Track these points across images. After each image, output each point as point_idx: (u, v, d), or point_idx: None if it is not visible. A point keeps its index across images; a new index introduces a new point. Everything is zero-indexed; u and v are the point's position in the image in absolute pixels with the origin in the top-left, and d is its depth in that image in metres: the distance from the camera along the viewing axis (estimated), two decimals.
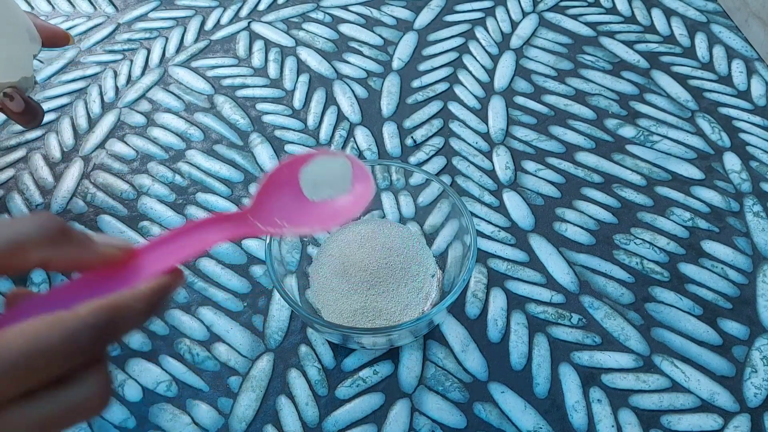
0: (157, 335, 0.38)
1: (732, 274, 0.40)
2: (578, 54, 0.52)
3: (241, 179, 0.45)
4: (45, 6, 0.57)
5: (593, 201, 0.43)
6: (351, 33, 0.55)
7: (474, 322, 0.38)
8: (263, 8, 0.57)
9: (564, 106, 0.49)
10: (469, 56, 0.53)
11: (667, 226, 0.42)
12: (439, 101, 0.49)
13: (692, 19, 0.55)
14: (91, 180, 0.45)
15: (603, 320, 0.38)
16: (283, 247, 0.36)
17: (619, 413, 0.35)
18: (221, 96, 0.50)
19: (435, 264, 0.38)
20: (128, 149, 0.47)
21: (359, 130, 0.47)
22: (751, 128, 0.47)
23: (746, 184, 0.44)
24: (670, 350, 0.37)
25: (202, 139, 0.47)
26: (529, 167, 0.45)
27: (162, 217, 0.43)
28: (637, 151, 0.46)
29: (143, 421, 0.35)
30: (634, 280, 0.40)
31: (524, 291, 0.39)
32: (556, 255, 0.41)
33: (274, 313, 0.39)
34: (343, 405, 0.35)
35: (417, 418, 0.35)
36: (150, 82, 0.51)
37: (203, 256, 0.41)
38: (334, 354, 0.37)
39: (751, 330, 0.38)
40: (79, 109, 0.49)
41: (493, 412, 0.35)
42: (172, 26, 0.55)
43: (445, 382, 0.36)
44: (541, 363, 0.36)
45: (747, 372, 0.36)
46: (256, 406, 0.35)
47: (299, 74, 0.51)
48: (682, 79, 0.50)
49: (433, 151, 0.46)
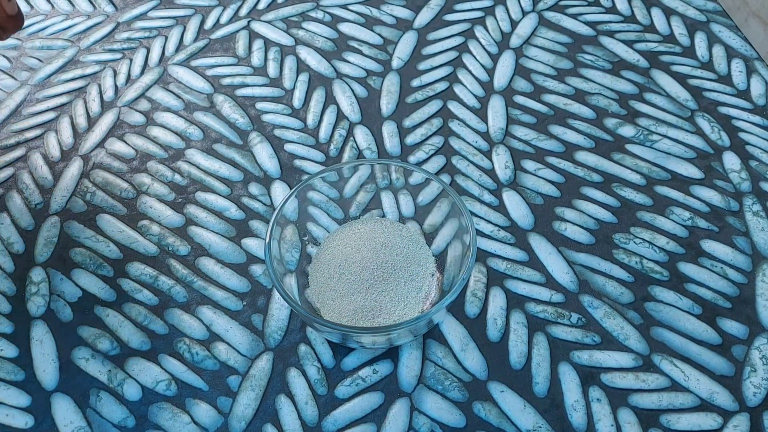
0: (156, 334, 0.38)
1: (731, 273, 0.40)
2: (578, 53, 0.52)
3: (240, 178, 0.45)
4: (44, 5, 0.57)
5: (593, 200, 0.43)
6: (350, 32, 0.55)
7: (473, 321, 0.38)
8: (263, 7, 0.57)
9: (564, 105, 0.49)
10: (468, 55, 0.53)
11: (666, 226, 0.42)
12: (439, 100, 0.49)
13: (692, 18, 0.55)
14: (90, 179, 0.45)
15: (602, 319, 0.38)
16: (282, 246, 0.36)
17: (618, 412, 0.35)
18: (221, 95, 0.50)
19: (434, 263, 0.38)
20: (128, 148, 0.47)
21: (359, 129, 0.47)
22: (751, 128, 0.47)
23: (746, 183, 0.44)
24: (669, 349, 0.37)
25: (201, 138, 0.47)
26: (529, 166, 0.45)
27: (161, 216, 0.43)
28: (636, 150, 0.46)
29: (142, 420, 0.35)
30: (634, 280, 0.40)
31: (524, 290, 0.39)
32: (556, 254, 0.41)
33: (274, 313, 0.39)
34: (342, 404, 0.35)
35: (416, 417, 0.35)
36: (149, 81, 0.51)
37: (202, 255, 0.41)
38: (334, 353, 0.37)
39: (750, 329, 0.38)
40: (79, 108, 0.49)
41: (493, 412, 0.35)
42: (172, 25, 0.55)
43: (445, 382, 0.36)
44: (541, 362, 0.36)
45: (746, 371, 0.36)
46: (255, 405, 0.35)
47: (299, 73, 0.51)
48: (682, 78, 0.50)
49: (432, 150, 0.46)
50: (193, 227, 0.42)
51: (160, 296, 0.39)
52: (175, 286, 0.40)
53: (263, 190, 0.44)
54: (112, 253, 0.41)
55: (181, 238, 0.42)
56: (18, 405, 0.35)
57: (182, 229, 0.42)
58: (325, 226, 0.40)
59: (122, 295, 0.39)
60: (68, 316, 0.39)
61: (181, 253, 0.41)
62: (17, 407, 0.35)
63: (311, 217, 0.39)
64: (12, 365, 0.37)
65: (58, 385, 0.36)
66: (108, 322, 0.38)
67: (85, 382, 0.36)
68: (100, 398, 0.35)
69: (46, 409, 0.35)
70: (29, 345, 0.37)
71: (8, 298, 0.39)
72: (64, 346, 0.37)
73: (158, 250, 0.41)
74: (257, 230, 0.42)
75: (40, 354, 0.37)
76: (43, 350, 0.37)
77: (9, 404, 0.35)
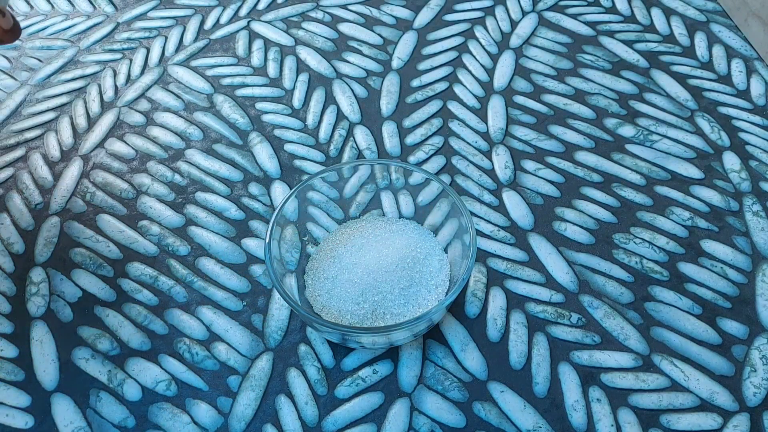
0: (156, 334, 0.38)
1: (731, 273, 0.40)
2: (578, 53, 0.52)
3: (240, 178, 0.45)
4: (45, 5, 0.57)
5: (593, 200, 0.43)
6: (350, 32, 0.55)
7: (473, 321, 0.38)
8: (263, 7, 0.57)
9: (563, 105, 0.49)
10: (468, 55, 0.53)
11: (666, 226, 0.42)
12: (439, 100, 0.49)
13: (692, 18, 0.55)
14: (90, 179, 0.45)
15: (602, 319, 0.38)
16: (282, 246, 0.36)
17: (618, 412, 0.35)
18: (220, 95, 0.50)
19: (437, 261, 0.38)
20: (127, 148, 0.47)
21: (359, 129, 0.47)
22: (751, 128, 0.47)
23: (746, 183, 0.44)
24: (669, 349, 0.37)
25: (201, 139, 0.47)
26: (529, 166, 0.45)
27: (161, 216, 0.43)
28: (636, 150, 0.46)
29: (142, 420, 0.35)
30: (634, 280, 0.40)
31: (524, 290, 0.39)
32: (556, 254, 0.41)
33: (274, 313, 0.39)
34: (342, 404, 0.35)
35: (416, 417, 0.35)
36: (149, 81, 0.51)
37: (202, 255, 0.41)
38: (334, 353, 0.37)
39: (750, 329, 0.38)
40: (79, 108, 0.49)
41: (493, 412, 0.35)
42: (172, 25, 0.55)
43: (445, 382, 0.36)
44: (541, 362, 0.36)
45: (746, 371, 0.36)
46: (255, 406, 0.35)
47: (299, 73, 0.51)
48: (682, 78, 0.50)
49: (432, 151, 0.46)
50: (193, 227, 0.42)
51: (160, 296, 0.39)
52: (175, 287, 0.40)
53: (263, 190, 0.44)
54: (112, 254, 0.41)
55: (181, 238, 0.42)
56: (18, 405, 0.35)
57: (182, 230, 0.42)
58: (325, 226, 0.40)
59: (122, 295, 0.39)
60: (68, 316, 0.39)
61: (181, 253, 0.41)
62: (17, 407, 0.35)
63: (311, 217, 0.39)
64: (12, 365, 0.37)
65: (58, 385, 0.36)
66: (108, 323, 0.38)
67: (85, 382, 0.36)
68: (100, 398, 0.35)
69: (46, 409, 0.35)
70: (29, 345, 0.37)
71: (8, 298, 0.39)
72: (64, 346, 0.37)
73: (158, 251, 0.41)
74: (257, 230, 0.42)
75: (40, 354, 0.37)
76: (43, 350, 0.37)
77: (9, 404, 0.35)
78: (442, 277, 0.37)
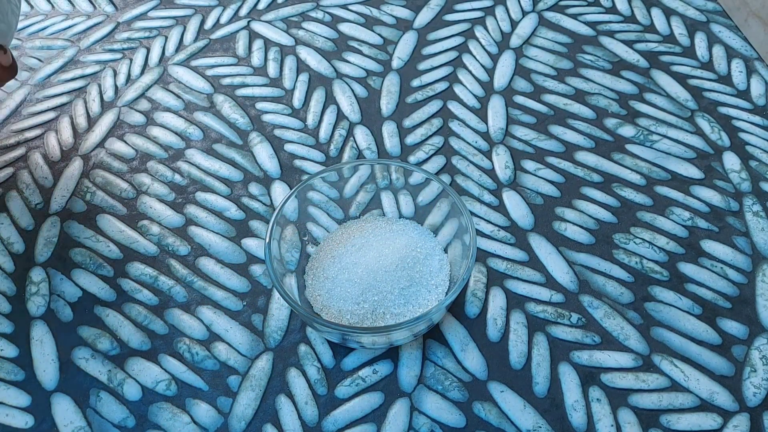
0: (156, 334, 0.38)
1: (731, 273, 0.40)
2: (578, 53, 0.52)
3: (240, 178, 0.45)
4: (45, 5, 0.57)
5: (593, 200, 0.43)
6: (350, 32, 0.55)
7: (473, 321, 0.38)
8: (263, 7, 0.57)
9: (564, 105, 0.49)
10: (468, 55, 0.53)
11: (666, 226, 0.42)
12: (439, 100, 0.49)
13: (692, 18, 0.55)
14: (90, 179, 0.45)
15: (602, 320, 0.38)
16: (282, 246, 0.36)
17: (618, 412, 0.35)
18: (221, 95, 0.50)
19: (437, 261, 0.38)
20: (128, 148, 0.47)
21: (359, 129, 0.47)
22: (751, 128, 0.47)
23: (746, 183, 0.44)
24: (669, 350, 0.37)
25: (201, 138, 0.47)
26: (529, 166, 0.45)
27: (161, 216, 0.43)
28: (636, 150, 0.46)
29: (142, 420, 0.35)
30: (634, 280, 0.40)
31: (524, 290, 0.39)
32: (556, 254, 0.41)
33: (274, 313, 0.39)
34: (342, 404, 0.35)
35: (416, 417, 0.35)
36: (149, 81, 0.51)
37: (202, 255, 0.41)
38: (334, 353, 0.37)
39: (750, 329, 0.38)
40: (79, 108, 0.49)
41: (493, 411, 0.35)
42: (172, 25, 0.55)
43: (445, 382, 0.36)
44: (541, 362, 0.36)
45: (746, 371, 0.36)
46: (255, 405, 0.35)
47: (299, 73, 0.51)
48: (682, 78, 0.50)
49: (432, 151, 0.46)
50: (193, 227, 0.42)
51: (160, 296, 0.39)
52: (175, 286, 0.40)
53: (263, 190, 0.44)
54: (112, 253, 0.41)
55: (181, 238, 0.42)
56: (18, 405, 0.35)
57: (182, 229, 0.42)
58: (325, 226, 0.40)
59: (122, 295, 0.39)
60: (68, 316, 0.39)
61: (181, 253, 0.41)
62: (17, 407, 0.35)
63: (311, 217, 0.39)
64: (12, 365, 0.37)
65: (58, 385, 0.36)
66: (108, 322, 0.38)
67: (85, 382, 0.36)
68: (100, 398, 0.35)
69: (46, 409, 0.35)
70: (29, 345, 0.37)
71: (8, 298, 0.39)
72: (64, 346, 0.37)
73: (158, 250, 0.41)
74: (257, 230, 0.42)
75: (40, 354, 0.37)
76: (43, 350, 0.37)
77: (9, 404, 0.35)
78: (442, 277, 0.37)
